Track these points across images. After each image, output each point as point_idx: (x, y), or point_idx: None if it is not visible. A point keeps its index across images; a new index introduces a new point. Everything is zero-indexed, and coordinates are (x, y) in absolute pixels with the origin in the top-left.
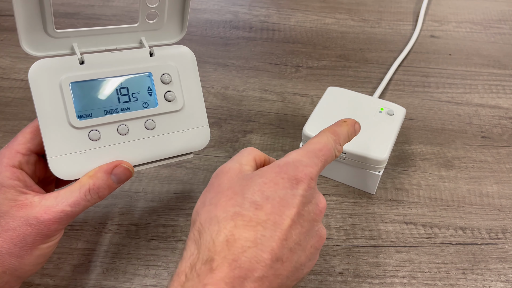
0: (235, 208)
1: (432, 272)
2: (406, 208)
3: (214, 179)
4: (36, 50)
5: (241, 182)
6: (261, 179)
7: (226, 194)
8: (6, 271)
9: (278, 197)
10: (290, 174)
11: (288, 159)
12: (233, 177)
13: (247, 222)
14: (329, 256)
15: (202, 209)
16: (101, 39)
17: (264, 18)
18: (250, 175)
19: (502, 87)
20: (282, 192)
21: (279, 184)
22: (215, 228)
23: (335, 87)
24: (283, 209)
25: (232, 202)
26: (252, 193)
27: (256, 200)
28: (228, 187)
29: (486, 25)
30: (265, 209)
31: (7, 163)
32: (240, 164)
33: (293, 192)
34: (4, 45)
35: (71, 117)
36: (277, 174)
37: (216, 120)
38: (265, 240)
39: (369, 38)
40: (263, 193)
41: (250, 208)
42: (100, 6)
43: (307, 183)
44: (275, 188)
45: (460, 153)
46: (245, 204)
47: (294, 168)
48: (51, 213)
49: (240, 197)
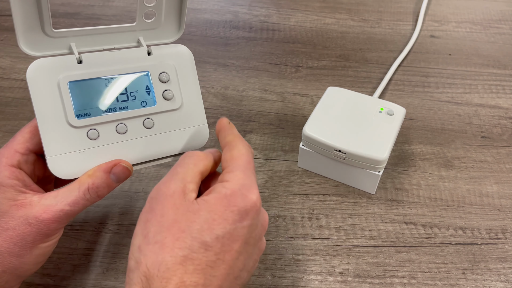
0: (184, 251)
1: (432, 272)
2: (406, 208)
3: (155, 204)
4: (34, 50)
5: (188, 216)
6: (210, 214)
7: (172, 231)
8: (6, 270)
9: (228, 234)
10: (240, 207)
11: (234, 186)
12: (178, 206)
13: (196, 266)
14: (329, 256)
15: (147, 248)
16: (99, 38)
17: (264, 18)
18: (197, 207)
19: (502, 87)
20: (232, 228)
21: (229, 219)
22: (165, 275)
23: (335, 87)
24: (232, 244)
25: (180, 243)
26: (201, 232)
27: (205, 240)
28: (174, 220)
29: (486, 25)
30: (214, 249)
31: (6, 162)
32: (184, 185)
33: (242, 225)
34: (4, 45)
35: (70, 116)
36: (226, 208)
37: (216, 120)
38: (214, 279)
39: (369, 38)
40: (213, 231)
41: (199, 250)
42: (100, 6)
43: (255, 211)
44: (224, 225)
45: (460, 153)
46: (194, 246)
47: (242, 198)
48: (51, 212)
49: (189, 237)
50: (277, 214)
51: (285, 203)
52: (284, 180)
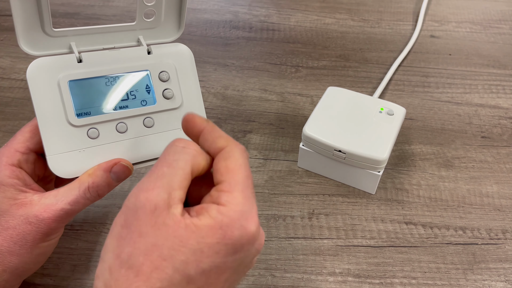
0: (163, 283)
1: (432, 272)
2: (406, 208)
3: (132, 219)
4: (34, 49)
5: (173, 241)
6: (199, 246)
7: (151, 258)
8: (6, 270)
9: (216, 268)
10: (235, 240)
11: (231, 214)
12: (160, 226)
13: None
14: (329, 256)
15: (119, 272)
16: (99, 37)
17: (264, 18)
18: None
19: (502, 87)
20: (222, 261)
21: (220, 253)
22: None
23: (335, 87)
24: (219, 277)
25: (159, 273)
26: (185, 265)
27: (189, 274)
28: (153, 244)
29: (486, 25)
30: (198, 283)
31: (6, 161)
32: (170, 194)
33: (234, 258)
34: (4, 45)
35: (70, 116)
36: (219, 240)
37: (216, 120)
38: None
39: (369, 38)
40: (199, 265)
41: (181, 284)
42: (100, 6)
43: (249, 244)
44: (214, 258)
45: (460, 153)
46: (175, 278)
47: (240, 230)
48: (51, 212)
49: (170, 268)
50: (277, 214)
51: (285, 203)
52: (284, 180)
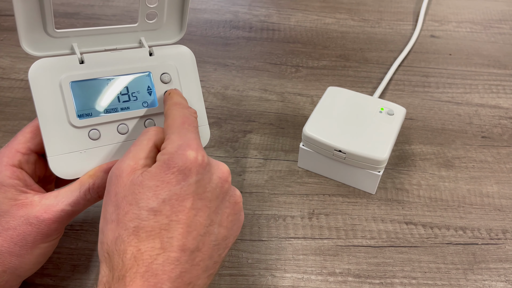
0: (134, 222)
1: (432, 272)
2: (406, 208)
3: (109, 186)
4: (36, 50)
5: (134, 189)
6: (152, 182)
7: (122, 207)
8: (6, 270)
9: (175, 195)
10: (179, 166)
11: (170, 150)
12: (126, 183)
13: (149, 232)
14: (329, 256)
15: (106, 228)
16: (101, 39)
17: (264, 18)
18: (140, 179)
19: (502, 87)
20: (177, 188)
21: (172, 181)
22: (121, 248)
23: (335, 87)
24: (182, 203)
25: (129, 215)
26: (146, 201)
27: (152, 207)
28: (123, 196)
29: (486, 25)
30: (164, 212)
31: (7, 162)
32: (136, 162)
33: (188, 182)
34: (4, 45)
35: (71, 116)
36: (166, 172)
37: (216, 120)
38: (173, 240)
39: (369, 38)
40: (158, 196)
41: (149, 217)
42: (100, 6)
43: (199, 167)
44: (168, 187)
45: (460, 153)
46: (142, 214)
47: (180, 157)
48: (51, 212)
49: (136, 208)
50: (277, 214)
51: (285, 203)
52: (284, 180)
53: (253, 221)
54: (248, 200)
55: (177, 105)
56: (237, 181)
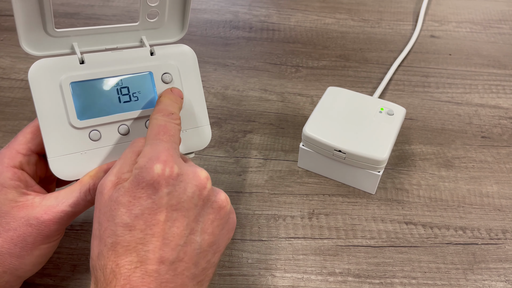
0: (112, 238)
1: (432, 272)
2: (406, 208)
3: (95, 202)
4: (36, 50)
5: (111, 205)
6: (126, 197)
7: (102, 223)
8: (6, 271)
9: (147, 209)
10: (147, 180)
11: (141, 163)
12: (106, 199)
13: (126, 247)
14: (329, 256)
15: (92, 243)
16: (101, 38)
17: (264, 18)
18: (116, 195)
19: (502, 87)
20: (148, 202)
21: (143, 196)
22: (102, 263)
23: (335, 87)
24: (155, 217)
25: (108, 232)
26: (121, 216)
27: (127, 222)
28: (103, 213)
29: (486, 25)
30: (138, 227)
31: (8, 163)
32: (119, 177)
33: (158, 196)
34: (4, 45)
35: (72, 117)
36: (137, 187)
37: (216, 120)
38: (149, 254)
39: (369, 38)
40: (131, 212)
41: (124, 233)
42: (100, 6)
43: (166, 179)
44: (140, 202)
45: (460, 153)
46: (118, 230)
47: (147, 171)
48: (52, 213)
49: (112, 224)
50: (277, 214)
51: (285, 203)
52: (284, 180)
53: (253, 221)
54: (248, 200)
55: (158, 112)
56: (237, 181)
